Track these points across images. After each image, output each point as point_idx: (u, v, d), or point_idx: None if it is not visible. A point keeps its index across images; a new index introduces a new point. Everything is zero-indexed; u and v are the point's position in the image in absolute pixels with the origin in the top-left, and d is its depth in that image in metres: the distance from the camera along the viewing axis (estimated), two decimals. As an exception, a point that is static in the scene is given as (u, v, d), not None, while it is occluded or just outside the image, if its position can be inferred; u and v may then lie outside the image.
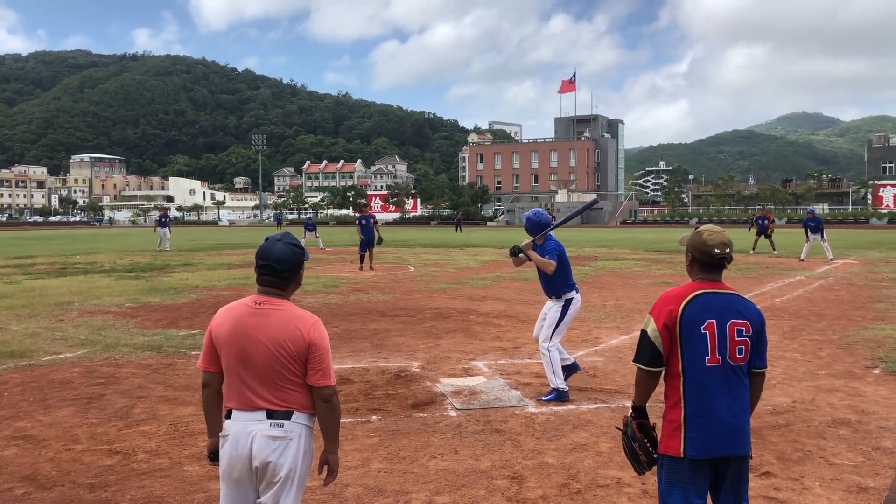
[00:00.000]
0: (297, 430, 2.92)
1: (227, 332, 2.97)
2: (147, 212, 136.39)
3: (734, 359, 2.99)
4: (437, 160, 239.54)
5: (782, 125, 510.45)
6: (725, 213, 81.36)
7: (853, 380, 7.35)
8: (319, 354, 2.93)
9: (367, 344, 9.48)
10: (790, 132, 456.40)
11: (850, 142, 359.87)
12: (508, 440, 5.52)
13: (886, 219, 68.62)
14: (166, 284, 17.08)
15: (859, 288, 15.40)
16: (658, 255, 26.38)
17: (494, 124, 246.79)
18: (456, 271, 20.49)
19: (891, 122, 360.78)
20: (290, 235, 3.10)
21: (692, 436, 2.95)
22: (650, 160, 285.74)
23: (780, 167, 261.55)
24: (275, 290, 3.01)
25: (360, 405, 6.49)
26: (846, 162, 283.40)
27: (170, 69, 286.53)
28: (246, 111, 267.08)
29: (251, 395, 2.91)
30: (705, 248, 3.08)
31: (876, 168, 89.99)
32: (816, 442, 5.45)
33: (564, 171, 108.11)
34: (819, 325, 10.72)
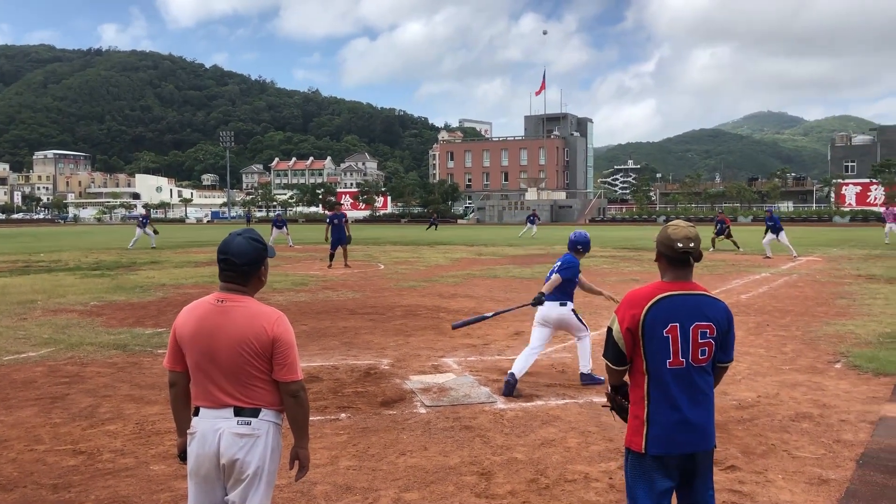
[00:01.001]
0: (264, 427, 2.90)
1: (190, 330, 2.94)
2: (113, 209, 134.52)
3: (697, 360, 3.01)
4: (407, 158, 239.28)
5: (748, 124, 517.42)
6: (693, 211, 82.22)
7: (816, 374, 7.48)
8: (284, 349, 2.90)
9: (336, 342, 9.45)
10: (756, 131, 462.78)
11: (814, 141, 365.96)
12: (477, 436, 5.54)
13: (849, 217, 69.88)
14: (132, 282, 16.87)
15: (822, 284, 15.67)
16: (626, 253, 26.62)
17: (465, 122, 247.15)
18: (426, 269, 20.49)
19: (853, 121, 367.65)
20: (253, 231, 3.07)
21: (654, 433, 2.99)
22: (619, 158, 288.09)
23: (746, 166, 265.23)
24: (236, 286, 2.98)
25: (329, 403, 6.46)
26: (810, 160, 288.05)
27: (136, 65, 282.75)
28: (214, 107, 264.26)
29: (218, 393, 2.89)
30: (669, 242, 3.06)
31: (839, 167, 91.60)
32: (780, 436, 5.54)
33: (534, 169, 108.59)
34: (783, 321, 10.90)
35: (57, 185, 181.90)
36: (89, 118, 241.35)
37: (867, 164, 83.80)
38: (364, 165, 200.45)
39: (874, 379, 7.26)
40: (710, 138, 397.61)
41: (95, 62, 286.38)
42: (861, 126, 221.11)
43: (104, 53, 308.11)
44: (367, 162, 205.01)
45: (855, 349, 8.59)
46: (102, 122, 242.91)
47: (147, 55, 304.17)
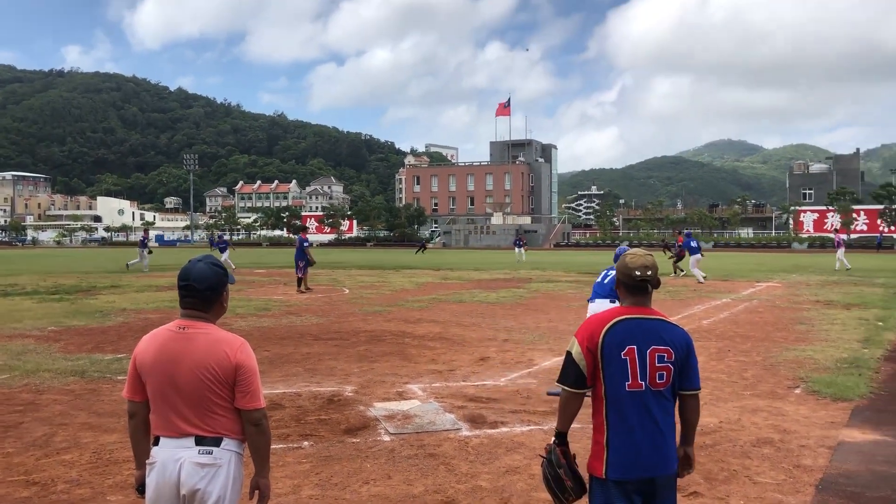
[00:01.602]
0: (226, 456, 2.86)
1: (151, 358, 2.90)
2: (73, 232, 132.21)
3: (654, 384, 3.02)
4: (373, 181, 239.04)
5: (709, 151, 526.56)
6: (655, 237, 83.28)
7: (776, 400, 7.58)
8: (247, 377, 2.87)
9: (299, 368, 9.35)
10: (716, 158, 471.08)
11: (773, 168, 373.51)
12: (442, 464, 5.50)
13: (807, 243, 71.29)
14: (92, 307, 16.56)
15: (782, 310, 15.93)
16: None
17: (431, 147, 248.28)
18: (391, 293, 20.42)
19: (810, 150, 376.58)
20: (212, 257, 3.06)
21: (614, 458, 3.00)
22: (582, 184, 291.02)
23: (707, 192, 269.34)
24: (198, 312, 2.95)
25: (292, 431, 6.38)
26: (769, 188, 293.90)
27: (99, 86, 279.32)
28: (178, 130, 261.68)
29: (179, 422, 2.85)
30: (628, 270, 3.15)
31: (797, 194, 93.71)
32: (741, 461, 5.59)
33: (500, 194, 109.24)
34: (744, 346, 11.04)
35: (15, 208, 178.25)
36: (50, 140, 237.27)
37: (824, 192, 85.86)
38: (330, 189, 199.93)
39: (832, 404, 7.38)
40: (671, 165, 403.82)
41: (57, 83, 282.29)
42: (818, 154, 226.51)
43: (66, 74, 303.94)
44: (332, 185, 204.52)
45: (814, 374, 8.73)
46: (64, 143, 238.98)
47: (110, 77, 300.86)
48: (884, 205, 72.57)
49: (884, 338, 11.70)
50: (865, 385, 8.13)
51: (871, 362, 9.53)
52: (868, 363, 9.45)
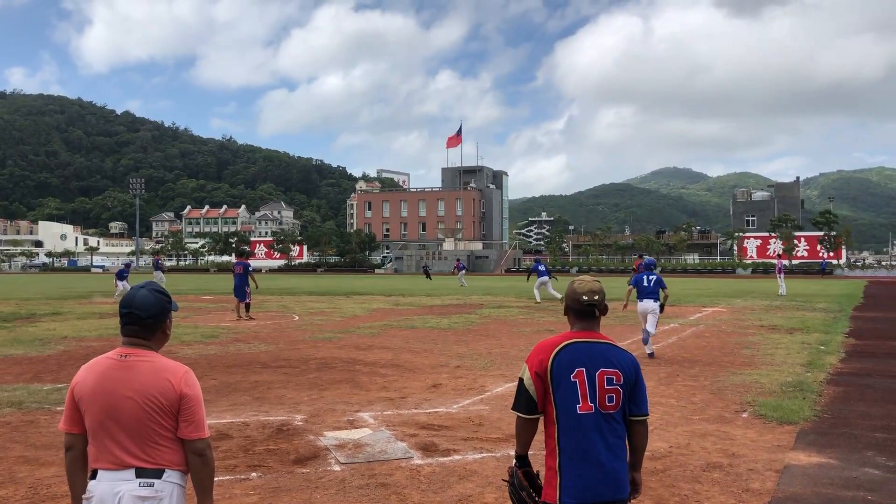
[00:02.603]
0: (168, 489, 2.77)
1: (90, 388, 2.81)
2: (12, 257, 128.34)
3: (604, 406, 3.04)
4: (324, 207, 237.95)
5: (655, 179, 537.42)
6: (604, 263, 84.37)
7: (724, 424, 7.68)
8: (192, 406, 2.81)
9: (247, 397, 9.15)
10: (663, 186, 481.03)
11: (717, 195, 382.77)
12: (394, 494, 5.42)
13: (750, 269, 73.02)
14: (31, 335, 16.03)
15: (728, 335, 16.22)
16: (542, 303, 26.97)
17: (383, 172, 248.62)
18: (342, 320, 20.24)
19: (753, 178, 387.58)
20: (155, 283, 3.00)
21: (567, 483, 2.99)
22: (532, 210, 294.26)
23: (654, 219, 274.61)
24: (140, 339, 2.88)
25: (239, 461, 6.22)
26: (714, 215, 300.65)
27: (42, 109, 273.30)
28: (124, 154, 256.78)
29: (119, 453, 2.75)
30: (575, 295, 3.23)
31: (740, 221, 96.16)
32: (692, 486, 5.63)
33: (451, 220, 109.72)
34: (692, 371, 11.19)
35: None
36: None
37: (766, 219, 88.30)
38: (280, 214, 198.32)
39: (779, 427, 7.50)
40: (619, 192, 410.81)
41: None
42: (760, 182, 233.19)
43: (8, 96, 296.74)
44: (282, 210, 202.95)
45: (760, 398, 8.88)
46: (4, 166, 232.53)
47: (54, 99, 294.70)
48: (823, 231, 74.85)
49: (825, 361, 11.98)
50: (809, 408, 8.30)
51: (815, 385, 9.74)
52: (811, 387, 9.65)
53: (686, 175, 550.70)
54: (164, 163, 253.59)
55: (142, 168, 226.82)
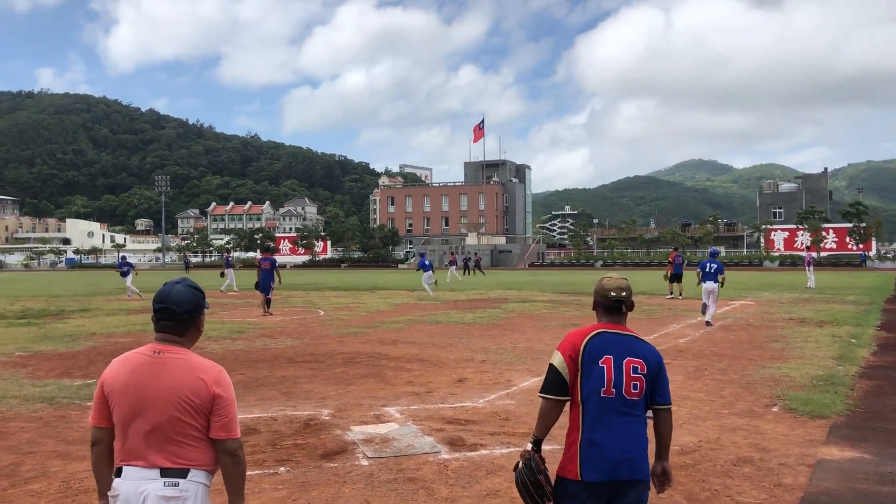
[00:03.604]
0: (193, 489, 2.74)
1: (122, 383, 2.79)
2: (41, 255, 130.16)
3: (629, 393, 3.21)
4: (347, 203, 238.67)
5: (680, 171, 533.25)
6: (629, 256, 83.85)
7: (754, 418, 7.58)
8: (225, 406, 2.78)
9: (274, 392, 9.20)
10: (688, 178, 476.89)
11: (743, 187, 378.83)
12: (422, 488, 5.41)
13: (778, 261, 72.21)
14: (61, 331, 16.25)
15: (756, 328, 16.04)
16: (565, 297, 26.86)
17: (405, 168, 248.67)
18: (367, 315, 20.28)
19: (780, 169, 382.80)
20: (190, 279, 2.99)
21: (587, 460, 3.16)
22: (556, 204, 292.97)
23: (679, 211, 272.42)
24: (174, 336, 2.86)
25: (268, 456, 6.25)
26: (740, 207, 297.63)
27: (69, 108, 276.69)
28: (149, 151, 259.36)
29: (146, 451, 2.73)
30: (604, 291, 3.44)
31: (767, 213, 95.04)
32: (722, 481, 5.56)
33: (474, 215, 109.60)
34: (720, 364, 11.07)
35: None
36: (18, 161, 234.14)
37: (794, 211, 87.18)
38: (304, 210, 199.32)
39: (810, 422, 7.39)
40: (643, 185, 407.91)
41: (27, 104, 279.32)
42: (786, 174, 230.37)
43: (36, 96, 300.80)
44: (306, 206, 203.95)
45: (790, 392, 8.76)
46: (32, 165, 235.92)
47: (80, 98, 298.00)
48: (852, 223, 73.74)
49: (857, 354, 11.80)
50: (842, 402, 8.17)
51: (847, 379, 9.60)
52: (843, 380, 9.51)
53: (711, 167, 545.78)
54: (189, 160, 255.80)
55: (167, 165, 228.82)
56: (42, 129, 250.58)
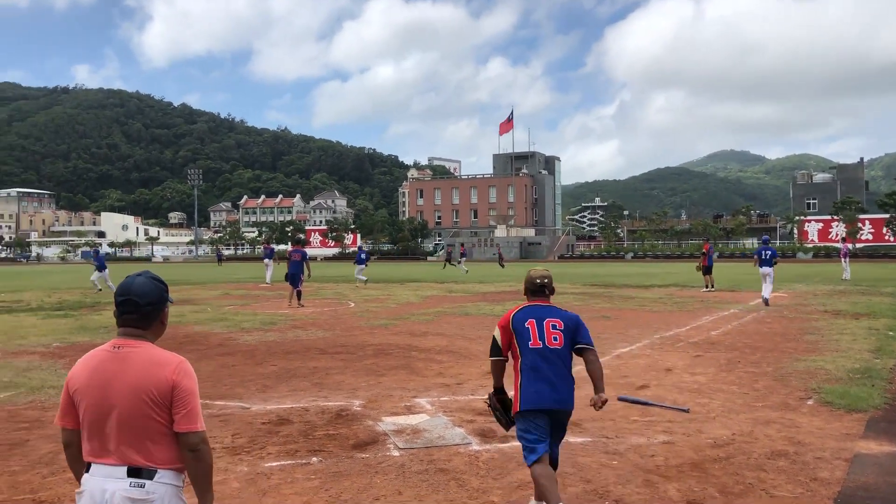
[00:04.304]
0: (160, 490, 2.65)
1: (84, 382, 2.72)
2: (77, 248, 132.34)
3: (551, 343, 4.49)
4: (377, 195, 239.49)
5: (712, 162, 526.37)
6: (659, 248, 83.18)
7: (789, 411, 7.48)
8: (184, 397, 2.68)
9: (306, 382, 9.28)
10: (720, 169, 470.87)
11: (776, 178, 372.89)
12: (453, 479, 5.43)
13: (812, 253, 71.13)
14: (97, 323, 16.53)
15: (790, 320, 15.82)
16: (596, 289, 26.71)
17: (434, 160, 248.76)
18: (397, 307, 20.35)
19: (813, 159, 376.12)
20: (151, 272, 2.93)
21: (524, 395, 4.44)
22: (586, 196, 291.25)
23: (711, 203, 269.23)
24: (137, 329, 2.79)
25: (300, 446, 6.31)
26: (773, 198, 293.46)
27: (103, 102, 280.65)
28: (182, 146, 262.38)
29: (112, 449, 2.66)
30: (531, 279, 4.78)
31: (801, 204, 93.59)
32: (757, 474, 5.50)
33: (503, 207, 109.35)
34: (753, 357, 10.94)
35: (20, 224, 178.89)
36: (54, 156, 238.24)
37: (828, 202, 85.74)
38: (333, 203, 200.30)
39: (847, 415, 7.28)
40: (674, 176, 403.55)
41: (62, 100, 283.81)
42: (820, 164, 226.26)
43: (71, 91, 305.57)
44: (336, 199, 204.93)
45: (826, 385, 8.63)
46: (68, 159, 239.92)
47: (114, 93, 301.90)
48: (889, 213, 72.26)
49: (895, 347, 11.59)
50: (879, 396, 8.03)
51: (884, 372, 9.43)
52: (881, 373, 9.34)
53: (743, 158, 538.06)
54: (221, 154, 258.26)
55: (199, 159, 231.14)
56: (77, 124, 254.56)
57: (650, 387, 8.76)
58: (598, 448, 6.20)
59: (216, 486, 5.22)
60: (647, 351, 11.67)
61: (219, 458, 5.98)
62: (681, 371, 9.80)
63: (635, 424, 6.99)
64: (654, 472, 5.57)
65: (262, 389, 8.79)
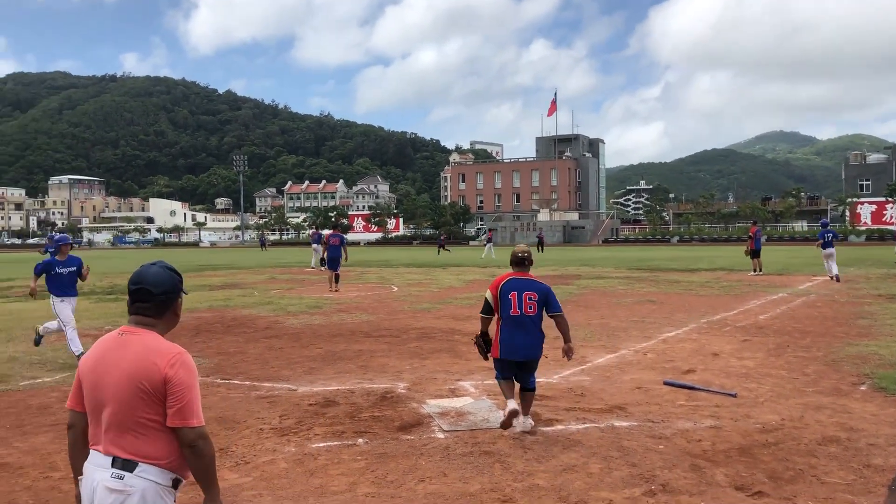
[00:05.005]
0: (139, 485, 2.54)
1: (89, 366, 2.68)
2: (127, 233, 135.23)
3: (527, 311, 6.09)
4: (418, 180, 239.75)
5: (760, 143, 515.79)
6: (706, 231, 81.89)
7: (841, 397, 7.33)
8: (178, 391, 2.56)
9: (351, 365, 9.37)
10: (768, 150, 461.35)
11: (828, 159, 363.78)
12: (497, 462, 5.44)
13: (864, 235, 69.38)
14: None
15: (841, 304, 15.47)
16: (641, 273, 26.44)
17: (476, 144, 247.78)
18: (440, 291, 20.41)
19: (867, 139, 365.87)
20: (166, 262, 2.89)
21: (502, 348, 6.14)
22: (630, 179, 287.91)
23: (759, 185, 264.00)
24: (147, 318, 2.72)
25: (346, 428, 6.38)
26: (824, 180, 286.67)
27: (150, 90, 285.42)
28: (227, 132, 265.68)
29: (104, 437, 2.60)
30: (514, 253, 6.37)
31: (853, 186, 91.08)
32: (807, 460, 5.40)
33: (546, 191, 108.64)
34: (804, 342, 10.73)
35: (72, 210, 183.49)
36: (104, 143, 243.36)
37: (882, 183, 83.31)
38: (376, 188, 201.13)
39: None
40: (721, 158, 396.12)
41: (110, 88, 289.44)
42: (875, 144, 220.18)
43: (119, 79, 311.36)
44: (378, 184, 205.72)
45: (880, 371, 8.43)
46: (117, 146, 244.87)
47: (160, 80, 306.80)
48: (946, 195, 70.05)
49: (952, 332, 11.26)
50: (935, 381, 7.81)
51: (940, 358, 9.17)
52: (936, 359, 9.09)
53: (793, 139, 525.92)
54: (266, 140, 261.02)
55: (244, 145, 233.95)
56: (125, 112, 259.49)
57: (696, 371, 8.66)
58: (643, 432, 6.15)
59: (265, 467, 5.34)
60: (694, 335, 11.53)
61: (266, 439, 6.09)
62: (728, 356, 9.67)
63: (681, 409, 6.92)
64: (701, 456, 5.51)
65: (309, 372, 8.90)
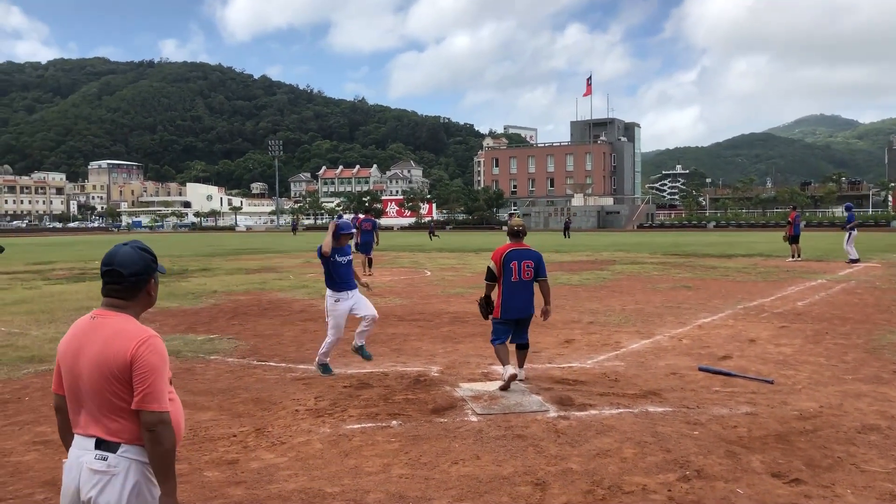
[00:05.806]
0: (123, 464, 2.55)
1: (63, 349, 2.68)
2: (164, 217, 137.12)
3: (525, 277, 7.08)
4: (452, 165, 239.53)
5: (800, 127, 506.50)
6: (743, 217, 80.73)
7: (881, 385, 7.20)
8: (143, 374, 2.53)
9: (385, 348, 9.43)
10: (808, 134, 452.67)
11: (870, 144, 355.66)
12: (530, 446, 5.44)
13: (907, 221, 67.84)
14: (184, 289, 17.13)
15: (883, 291, 15.17)
16: (676, 259, 26.17)
17: (510, 129, 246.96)
18: (472, 275, 20.41)
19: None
20: (140, 242, 2.81)
21: (504, 308, 7.12)
22: (666, 164, 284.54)
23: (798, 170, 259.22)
24: (119, 301, 2.68)
25: (380, 410, 6.43)
26: (865, 164, 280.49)
27: (186, 76, 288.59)
28: (262, 117, 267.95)
29: (83, 420, 2.61)
30: (511, 225, 7.30)
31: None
32: (846, 448, 5.33)
33: (580, 175, 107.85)
34: (843, 328, 10.55)
35: (111, 195, 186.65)
36: (142, 128, 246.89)
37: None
38: (409, 173, 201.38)
39: (944, 390, 6.95)
40: (760, 142, 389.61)
41: (148, 74, 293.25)
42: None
43: (156, 65, 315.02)
44: (412, 170, 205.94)
45: (921, 358, 8.26)
46: (154, 132, 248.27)
47: (197, 66, 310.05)
48: None
49: None
50: (980, 370, 7.64)
51: None
52: (981, 347, 8.88)
53: (834, 122, 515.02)
54: (300, 125, 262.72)
55: (279, 130, 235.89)
56: (162, 97, 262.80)
57: (732, 357, 8.57)
58: (678, 418, 6.11)
59: (300, 448, 5.41)
60: (730, 321, 11.39)
61: (302, 420, 6.16)
62: (765, 342, 9.54)
63: (717, 395, 6.86)
64: (737, 443, 5.46)
65: (343, 354, 8.97)
